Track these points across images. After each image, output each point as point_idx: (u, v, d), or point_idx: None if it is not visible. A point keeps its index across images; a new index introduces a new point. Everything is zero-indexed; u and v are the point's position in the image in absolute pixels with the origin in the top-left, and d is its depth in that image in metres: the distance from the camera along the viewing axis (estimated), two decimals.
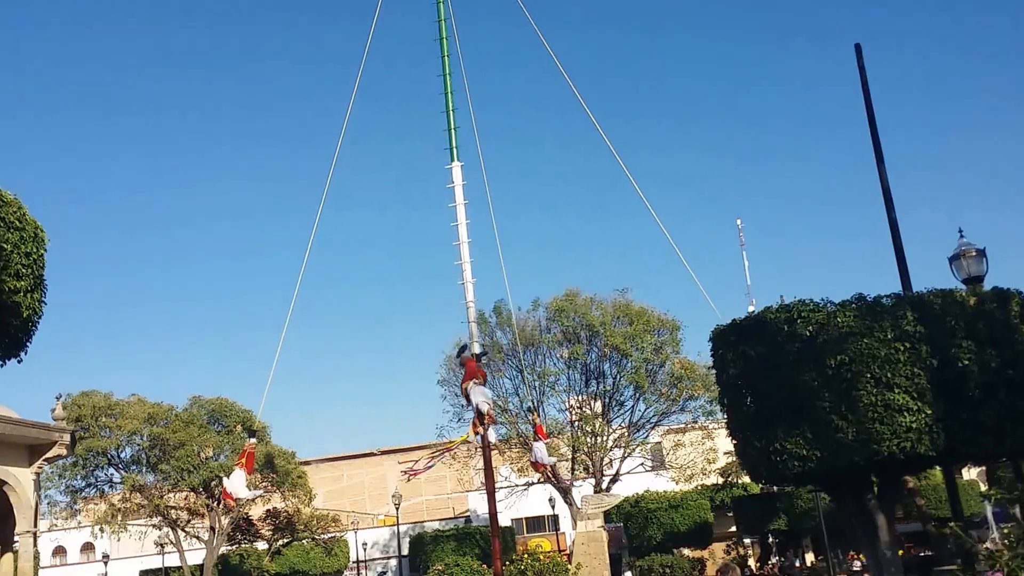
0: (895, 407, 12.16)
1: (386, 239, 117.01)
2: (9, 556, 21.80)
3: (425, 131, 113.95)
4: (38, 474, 21.58)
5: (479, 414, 17.63)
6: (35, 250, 16.98)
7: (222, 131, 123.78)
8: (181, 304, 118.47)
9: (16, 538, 21.20)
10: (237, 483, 19.78)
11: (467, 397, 18.86)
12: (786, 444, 12.84)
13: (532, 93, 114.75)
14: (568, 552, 41.92)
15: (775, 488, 42.84)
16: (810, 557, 40.91)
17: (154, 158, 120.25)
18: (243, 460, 19.71)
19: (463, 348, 20.39)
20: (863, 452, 12.26)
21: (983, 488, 40.84)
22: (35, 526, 21.46)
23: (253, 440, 21.63)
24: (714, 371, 15.09)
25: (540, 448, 21.16)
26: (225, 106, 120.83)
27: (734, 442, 14.77)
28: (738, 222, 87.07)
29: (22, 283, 16.32)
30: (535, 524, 51.26)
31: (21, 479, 20.22)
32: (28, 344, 18.04)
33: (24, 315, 16.95)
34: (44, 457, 20.83)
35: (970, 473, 38.95)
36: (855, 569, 28.64)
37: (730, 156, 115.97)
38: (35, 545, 22.13)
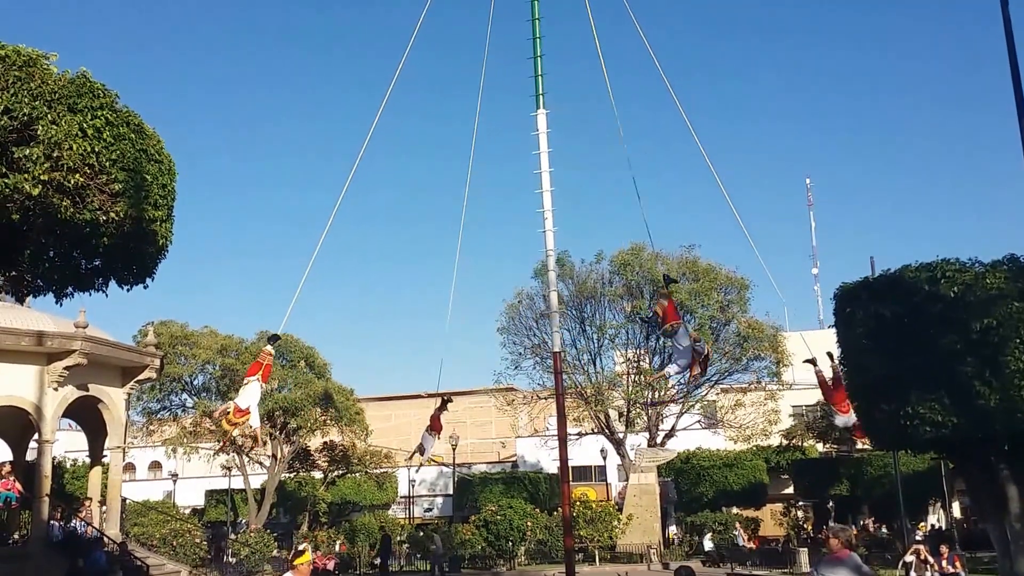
0: None
1: (457, 183, 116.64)
2: (98, 468, 22.24)
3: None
4: (129, 394, 21.84)
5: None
6: (169, 182, 17.40)
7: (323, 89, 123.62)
8: (254, 243, 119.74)
9: (106, 452, 21.58)
10: (427, 444, 17.53)
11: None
12: (919, 409, 12.14)
13: (606, 44, 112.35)
14: (615, 503, 41.91)
15: (839, 453, 42.32)
16: (865, 524, 40.31)
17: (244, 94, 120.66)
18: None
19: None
20: (1007, 421, 11.55)
21: None
22: (124, 442, 21.80)
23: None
24: (835, 330, 14.33)
25: (842, 419, 18.99)
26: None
27: (855, 404, 14.11)
28: (807, 181, 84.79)
29: (159, 213, 16.85)
30: (581, 473, 51.17)
31: (114, 398, 20.45)
32: (155, 271, 18.32)
33: (159, 243, 17.35)
34: (136, 379, 21.06)
35: None
36: (917, 539, 27.96)
37: (802, 114, 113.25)
38: (123, 459, 22.53)
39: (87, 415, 21.01)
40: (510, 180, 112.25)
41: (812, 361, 17.02)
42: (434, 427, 18.32)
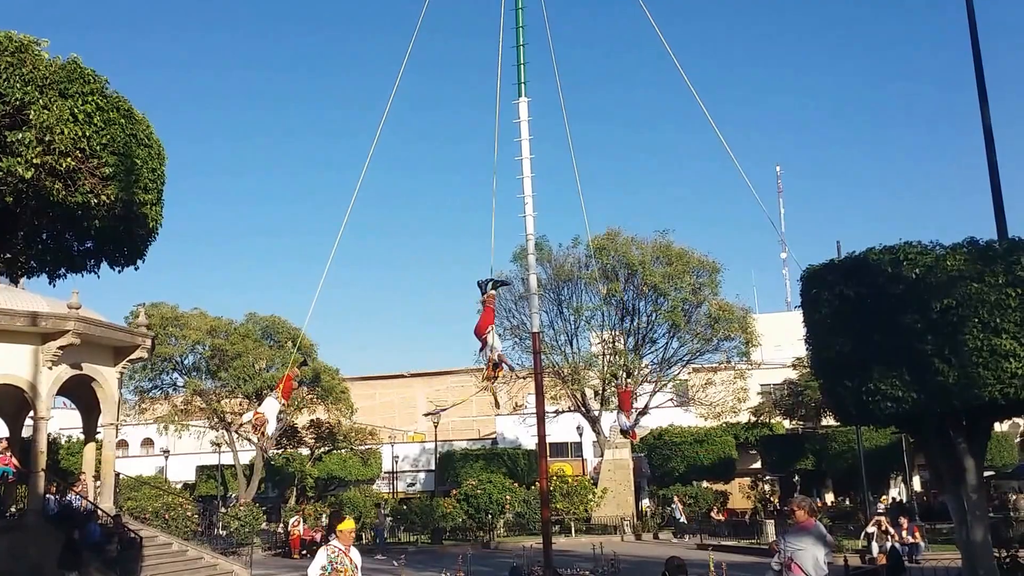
0: (1001, 352, 11.40)
1: (438, 165, 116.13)
2: (92, 444, 22.12)
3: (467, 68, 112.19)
4: (122, 373, 21.66)
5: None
6: (159, 167, 17.22)
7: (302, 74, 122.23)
8: (242, 226, 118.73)
9: (100, 429, 21.45)
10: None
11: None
12: (880, 385, 12.20)
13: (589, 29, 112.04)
14: (591, 478, 42.18)
15: (805, 429, 42.82)
16: (830, 497, 40.89)
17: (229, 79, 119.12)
18: (280, 388, 15.23)
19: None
20: (964, 396, 11.62)
21: (1017, 440, 40.55)
22: (117, 419, 21.63)
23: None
24: (801, 310, 14.41)
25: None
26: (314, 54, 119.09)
27: (820, 382, 14.20)
28: (777, 169, 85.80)
29: (149, 196, 16.67)
30: (558, 449, 51.43)
31: (107, 377, 20.28)
32: (146, 253, 18.11)
33: (149, 226, 17.17)
34: (128, 358, 20.90)
35: (1002, 425, 38.22)
36: (878, 511, 28.41)
37: (773, 101, 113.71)
38: (116, 436, 22.37)
39: (81, 393, 20.86)
40: (484, 163, 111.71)
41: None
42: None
